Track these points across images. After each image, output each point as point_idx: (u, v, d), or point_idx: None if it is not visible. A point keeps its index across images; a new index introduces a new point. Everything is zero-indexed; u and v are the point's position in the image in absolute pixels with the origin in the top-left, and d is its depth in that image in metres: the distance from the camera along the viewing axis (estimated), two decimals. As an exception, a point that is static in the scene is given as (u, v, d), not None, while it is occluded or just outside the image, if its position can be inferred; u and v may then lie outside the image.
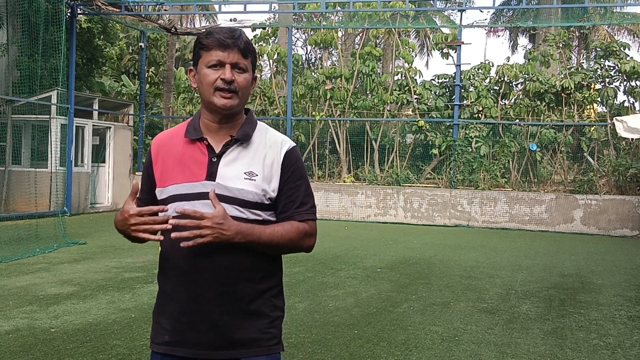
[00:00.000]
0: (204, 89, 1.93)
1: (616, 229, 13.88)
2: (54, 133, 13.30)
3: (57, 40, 12.77)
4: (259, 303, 1.96)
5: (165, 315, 1.96)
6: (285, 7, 17.98)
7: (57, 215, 11.50)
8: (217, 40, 1.89)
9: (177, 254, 1.90)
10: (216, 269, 1.90)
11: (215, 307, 1.90)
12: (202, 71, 1.93)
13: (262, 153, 1.98)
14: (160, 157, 2.01)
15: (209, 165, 1.94)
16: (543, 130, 15.89)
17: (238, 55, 1.91)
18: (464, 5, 17.37)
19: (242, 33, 1.95)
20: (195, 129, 1.99)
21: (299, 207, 2.00)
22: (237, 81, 1.91)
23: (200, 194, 1.91)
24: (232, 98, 1.92)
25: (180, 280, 1.92)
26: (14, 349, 4.59)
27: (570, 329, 5.63)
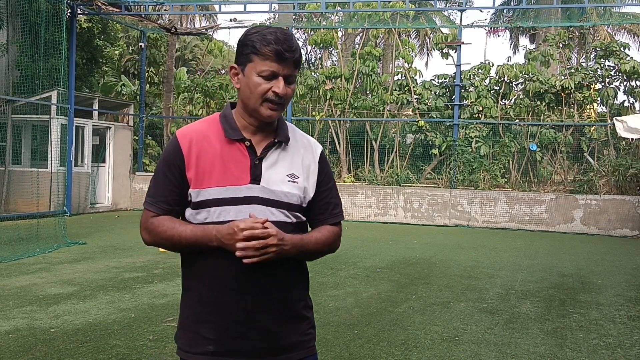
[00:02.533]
0: (252, 96, 1.85)
1: (616, 229, 13.88)
2: (54, 133, 13.30)
3: (57, 40, 12.77)
4: (300, 306, 1.96)
5: (209, 324, 1.87)
6: (285, 7, 17.98)
7: (57, 215, 11.50)
8: (275, 52, 1.80)
9: (226, 263, 1.83)
10: (268, 277, 1.86)
11: (268, 314, 1.87)
12: (251, 77, 1.84)
13: (299, 155, 1.95)
14: (194, 156, 1.87)
15: (252, 168, 1.87)
16: (543, 130, 15.89)
17: (291, 68, 1.85)
18: (464, 5, 17.37)
19: (297, 42, 1.88)
20: (233, 129, 1.90)
21: (333, 209, 2.00)
22: (287, 94, 1.86)
23: (245, 198, 1.84)
24: (278, 109, 1.88)
25: (227, 289, 1.85)
26: (14, 349, 4.59)
27: (570, 329, 5.63)
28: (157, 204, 1.91)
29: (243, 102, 1.89)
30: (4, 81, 13.97)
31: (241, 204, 1.84)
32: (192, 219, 1.89)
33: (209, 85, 18.09)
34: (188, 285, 1.94)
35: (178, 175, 1.87)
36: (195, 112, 18.19)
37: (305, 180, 1.93)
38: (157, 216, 1.91)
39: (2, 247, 9.13)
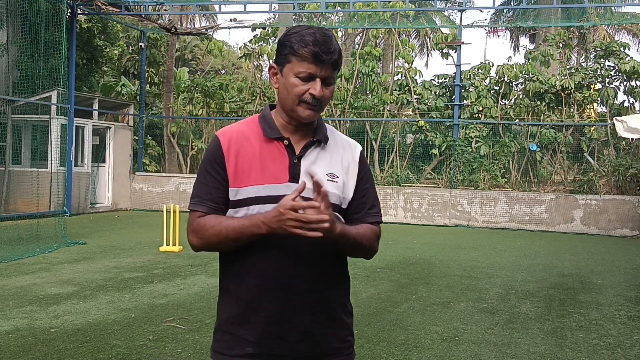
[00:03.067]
0: (289, 97, 1.84)
1: (616, 229, 13.88)
2: (54, 133, 13.30)
3: (57, 40, 12.77)
4: (340, 310, 1.93)
5: (248, 326, 1.84)
6: (285, 7, 17.98)
7: (57, 215, 11.50)
8: (313, 54, 1.79)
9: (264, 262, 1.82)
10: (308, 275, 1.84)
11: (307, 315, 1.84)
12: (289, 78, 1.84)
13: (338, 155, 1.94)
14: (233, 154, 1.87)
15: (290, 167, 1.86)
16: (543, 130, 15.90)
17: (329, 70, 1.83)
18: (464, 5, 17.37)
19: (336, 43, 1.84)
20: (271, 128, 1.89)
21: (370, 209, 1.97)
22: (324, 95, 1.84)
23: (283, 196, 1.78)
24: (316, 111, 1.86)
25: (267, 289, 1.82)
26: (14, 349, 4.60)
27: (570, 329, 5.63)
28: (204, 203, 1.87)
29: (281, 102, 1.90)
30: (4, 81, 13.96)
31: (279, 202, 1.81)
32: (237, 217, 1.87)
33: (209, 85, 18.09)
34: (226, 287, 1.92)
35: (222, 173, 1.86)
36: (195, 112, 18.19)
37: (345, 180, 1.92)
38: (204, 215, 1.86)
39: (2, 247, 9.13)
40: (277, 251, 1.80)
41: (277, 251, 1.80)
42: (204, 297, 6.43)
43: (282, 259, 1.81)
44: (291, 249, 1.80)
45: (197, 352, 4.64)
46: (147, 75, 19.63)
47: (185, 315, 5.64)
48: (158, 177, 17.17)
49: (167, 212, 9.71)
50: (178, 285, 7.00)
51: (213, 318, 5.56)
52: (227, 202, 1.87)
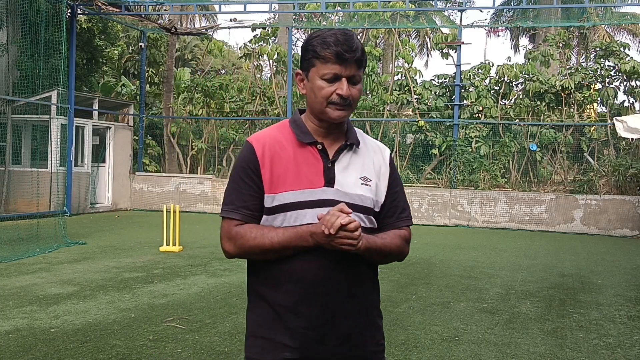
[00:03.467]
0: (317, 100, 1.86)
1: (616, 229, 13.88)
2: (54, 133, 13.30)
3: (57, 40, 12.77)
4: (375, 314, 1.95)
5: (286, 331, 1.83)
6: (285, 7, 17.98)
7: (57, 215, 11.50)
8: (336, 54, 1.81)
9: (304, 267, 1.82)
10: (347, 280, 1.85)
11: (347, 319, 1.85)
12: (315, 82, 1.85)
13: (370, 158, 1.96)
14: (268, 160, 1.86)
15: (325, 171, 1.87)
16: (543, 130, 15.90)
17: (354, 68, 1.84)
18: (464, 5, 17.37)
19: (358, 41, 1.85)
20: (304, 133, 1.90)
21: (401, 212, 1.98)
22: (351, 94, 1.85)
23: (320, 201, 1.83)
24: (346, 110, 1.86)
25: (307, 294, 1.82)
26: (14, 349, 4.60)
27: (570, 329, 5.63)
28: (239, 211, 1.86)
29: (310, 107, 1.91)
30: (4, 81, 13.96)
31: (317, 207, 1.82)
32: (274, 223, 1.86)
33: (209, 85, 18.10)
34: (260, 292, 1.90)
35: (257, 180, 1.86)
36: (195, 112, 18.19)
37: (377, 183, 1.94)
38: (241, 224, 1.85)
39: (2, 247, 9.13)
40: (318, 256, 1.80)
41: (317, 256, 1.80)
42: (204, 297, 6.43)
43: (322, 264, 1.81)
44: (331, 254, 1.79)
45: (197, 352, 4.64)
46: (147, 75, 19.64)
47: (185, 315, 5.64)
48: (158, 177, 17.17)
49: (167, 212, 9.71)
50: (178, 285, 7.00)
51: (213, 318, 5.57)
52: (261, 209, 1.86)
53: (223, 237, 1.88)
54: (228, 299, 6.37)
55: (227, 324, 5.39)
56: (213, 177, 16.90)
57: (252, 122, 18.17)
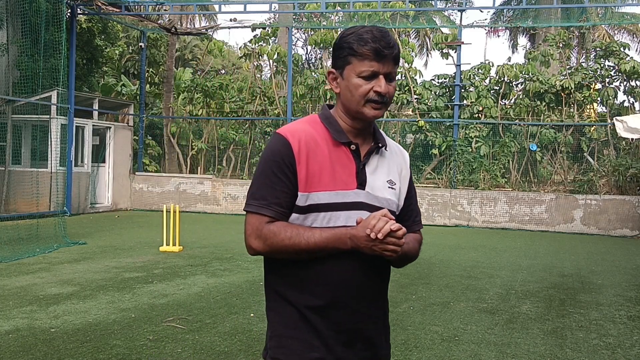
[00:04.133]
0: (354, 99, 1.79)
1: (616, 229, 13.88)
2: (54, 133, 13.30)
3: (57, 40, 12.77)
4: (386, 315, 1.97)
5: (313, 333, 1.78)
6: (285, 7, 17.98)
7: (57, 215, 11.50)
8: (374, 50, 1.75)
9: (335, 270, 1.77)
10: (375, 285, 1.86)
11: (371, 324, 1.85)
12: (351, 80, 1.79)
13: (393, 161, 1.94)
14: (304, 157, 1.77)
15: (358, 173, 1.82)
16: (543, 130, 15.90)
17: (391, 65, 1.79)
18: (464, 5, 17.37)
19: (394, 38, 1.80)
20: (338, 131, 1.83)
21: (416, 216, 1.99)
22: (388, 92, 1.80)
23: (353, 203, 1.78)
24: (382, 109, 1.81)
25: (337, 297, 1.78)
26: (14, 349, 4.60)
27: (570, 329, 5.63)
28: (271, 207, 1.75)
29: (345, 106, 1.83)
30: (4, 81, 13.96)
31: (350, 210, 1.78)
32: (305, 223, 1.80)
33: (209, 85, 18.10)
34: (281, 293, 1.83)
35: (291, 176, 1.76)
36: (195, 112, 18.19)
37: (400, 187, 1.93)
38: (273, 221, 1.76)
39: (2, 247, 9.13)
40: (350, 261, 1.77)
41: (349, 261, 1.77)
42: (204, 297, 6.43)
43: (354, 267, 1.78)
44: (362, 258, 1.77)
45: (197, 352, 4.64)
46: (147, 75, 19.63)
47: (185, 315, 5.64)
48: (158, 177, 17.17)
49: (167, 212, 9.71)
50: (178, 285, 7.00)
51: (213, 318, 5.57)
52: (292, 207, 1.78)
53: (251, 234, 1.77)
54: (228, 299, 6.37)
55: (227, 324, 5.39)
56: (213, 177, 16.90)
57: (252, 122, 18.17)
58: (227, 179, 16.85)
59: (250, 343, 4.89)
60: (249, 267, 8.24)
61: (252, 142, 18.05)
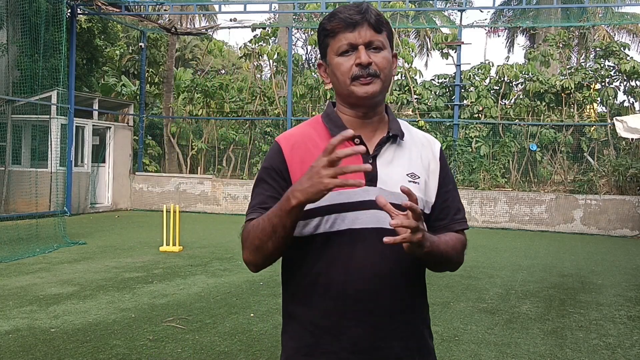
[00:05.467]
0: (340, 80, 1.62)
1: (616, 229, 13.88)
2: (54, 133, 13.30)
3: (57, 40, 12.77)
4: (426, 333, 1.70)
5: (326, 356, 1.59)
6: (285, 7, 17.99)
7: (57, 215, 11.50)
8: (342, 21, 1.59)
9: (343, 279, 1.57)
10: (395, 295, 1.60)
11: (396, 341, 1.60)
12: (332, 61, 1.63)
13: (417, 152, 1.69)
14: (297, 160, 1.62)
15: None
16: (543, 130, 15.90)
17: (371, 32, 1.59)
18: (464, 5, 17.37)
19: (369, 5, 1.62)
20: (338, 127, 1.64)
21: (455, 214, 1.73)
22: (375, 62, 1.59)
23: (361, 202, 1.58)
24: (374, 83, 1.60)
25: (349, 312, 1.57)
26: (14, 349, 4.59)
27: (570, 329, 5.63)
28: (256, 212, 1.61)
29: (337, 93, 1.68)
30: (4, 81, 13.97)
31: (357, 210, 1.58)
32: (299, 232, 1.60)
33: (209, 85, 18.10)
34: (293, 313, 1.66)
35: (281, 181, 1.62)
36: (195, 112, 18.19)
37: (427, 181, 1.68)
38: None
39: (2, 247, 9.13)
40: (359, 268, 1.57)
41: (358, 268, 1.57)
42: (204, 297, 6.43)
43: (366, 277, 1.57)
44: (376, 266, 1.57)
45: (197, 352, 4.64)
46: (147, 75, 19.63)
47: (185, 315, 5.64)
48: (158, 177, 17.17)
49: (167, 212, 9.71)
50: (178, 285, 7.00)
51: (213, 318, 5.57)
52: None
53: (242, 246, 1.62)
54: (228, 299, 6.37)
55: (227, 324, 5.39)
56: (213, 177, 16.89)
57: (252, 122, 18.17)
58: (227, 179, 16.85)
59: (250, 343, 4.89)
60: (249, 267, 8.23)
61: (252, 142, 18.05)
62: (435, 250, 1.55)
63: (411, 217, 1.43)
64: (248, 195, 16.22)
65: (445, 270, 1.72)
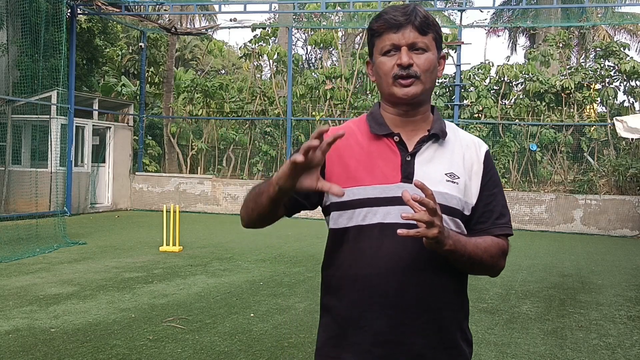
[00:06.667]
0: (382, 80, 1.66)
1: (616, 229, 13.88)
2: (54, 133, 13.30)
3: (57, 40, 12.77)
4: (458, 336, 1.68)
5: (352, 347, 1.62)
6: (285, 7, 17.98)
7: (57, 215, 11.50)
8: (386, 22, 1.62)
9: (372, 272, 1.60)
10: (422, 291, 1.60)
11: (420, 338, 1.60)
12: (377, 60, 1.66)
13: (459, 153, 1.69)
14: (336, 153, 1.64)
15: (402, 165, 1.63)
16: (543, 130, 15.90)
17: (414, 34, 1.62)
18: (464, 5, 17.37)
19: (417, 7, 1.66)
20: (379, 124, 1.69)
21: (498, 218, 1.70)
22: (416, 64, 1.62)
23: (395, 198, 1.57)
24: (414, 84, 1.62)
25: (374, 305, 1.60)
26: (14, 349, 4.59)
27: (570, 329, 5.63)
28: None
29: (380, 92, 1.71)
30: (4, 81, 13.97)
31: (389, 205, 1.60)
32: (334, 223, 1.67)
33: (209, 85, 18.10)
34: (326, 304, 1.71)
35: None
36: (195, 112, 18.19)
37: (467, 182, 1.67)
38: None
39: (2, 247, 9.13)
40: (386, 262, 1.59)
41: (385, 262, 1.59)
42: (204, 297, 6.43)
43: (392, 271, 1.58)
44: (402, 260, 1.58)
45: (197, 352, 4.64)
46: (147, 75, 19.64)
47: (185, 315, 5.64)
48: (158, 177, 17.17)
49: (167, 212, 9.71)
50: (178, 285, 7.00)
51: (213, 318, 5.57)
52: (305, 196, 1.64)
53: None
54: (228, 299, 6.37)
55: (227, 324, 5.39)
56: (213, 177, 16.89)
57: (252, 122, 18.17)
58: (227, 179, 16.85)
59: (250, 343, 4.89)
60: (249, 267, 8.24)
61: (252, 142, 18.05)
62: (461, 251, 1.55)
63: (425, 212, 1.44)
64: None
65: (479, 273, 1.71)
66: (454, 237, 1.53)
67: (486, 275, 1.73)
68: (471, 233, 1.67)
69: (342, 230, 1.65)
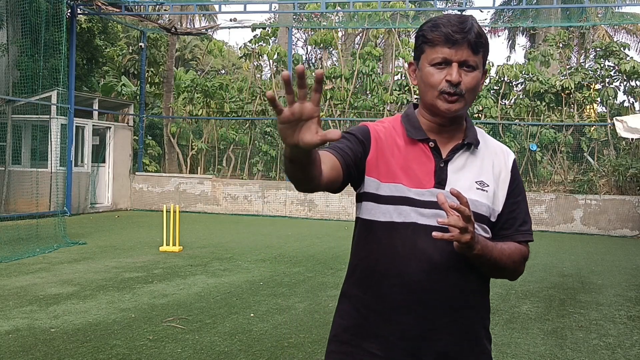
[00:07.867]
0: (426, 90, 1.68)
1: (616, 229, 13.88)
2: (54, 133, 13.30)
3: (57, 40, 12.77)
4: (482, 333, 1.73)
5: (376, 339, 1.66)
6: (285, 7, 17.98)
7: (57, 215, 11.50)
8: (444, 35, 1.62)
9: (401, 269, 1.64)
10: (450, 290, 1.65)
11: (446, 334, 1.64)
12: (424, 69, 1.67)
13: (489, 161, 1.75)
14: (379, 146, 1.70)
15: (436, 171, 1.68)
16: (543, 130, 15.90)
17: (467, 52, 1.63)
18: (464, 5, 17.37)
19: (473, 23, 1.65)
20: (415, 128, 1.73)
21: (521, 225, 1.80)
22: (464, 82, 1.64)
23: (428, 202, 1.64)
24: (458, 101, 1.65)
25: (403, 301, 1.64)
26: (14, 349, 4.59)
27: (570, 329, 5.63)
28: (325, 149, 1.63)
29: (421, 98, 1.73)
30: (4, 81, 13.97)
31: (424, 207, 1.65)
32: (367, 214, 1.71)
33: (209, 85, 18.10)
34: (348, 292, 1.76)
35: (358, 145, 1.68)
36: (195, 112, 18.19)
37: (496, 190, 1.72)
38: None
39: (2, 247, 9.13)
40: (418, 261, 1.63)
41: (417, 261, 1.63)
42: (204, 297, 6.43)
43: (423, 269, 1.63)
44: (434, 261, 1.63)
45: (197, 352, 4.64)
46: (147, 75, 19.64)
47: (185, 315, 5.64)
48: (158, 177, 17.17)
49: (167, 212, 9.71)
50: (178, 285, 7.00)
51: (213, 318, 5.57)
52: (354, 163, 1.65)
53: None
54: (228, 299, 6.37)
55: (227, 324, 5.39)
56: (213, 177, 16.89)
57: (252, 122, 18.17)
58: (227, 179, 16.85)
59: (250, 343, 4.89)
60: (249, 267, 8.25)
61: (252, 142, 18.05)
62: (487, 255, 1.61)
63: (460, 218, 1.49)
64: (248, 195, 16.25)
65: (501, 277, 1.76)
66: (482, 242, 1.59)
67: (506, 279, 1.79)
68: (494, 238, 1.73)
69: (374, 223, 1.70)
